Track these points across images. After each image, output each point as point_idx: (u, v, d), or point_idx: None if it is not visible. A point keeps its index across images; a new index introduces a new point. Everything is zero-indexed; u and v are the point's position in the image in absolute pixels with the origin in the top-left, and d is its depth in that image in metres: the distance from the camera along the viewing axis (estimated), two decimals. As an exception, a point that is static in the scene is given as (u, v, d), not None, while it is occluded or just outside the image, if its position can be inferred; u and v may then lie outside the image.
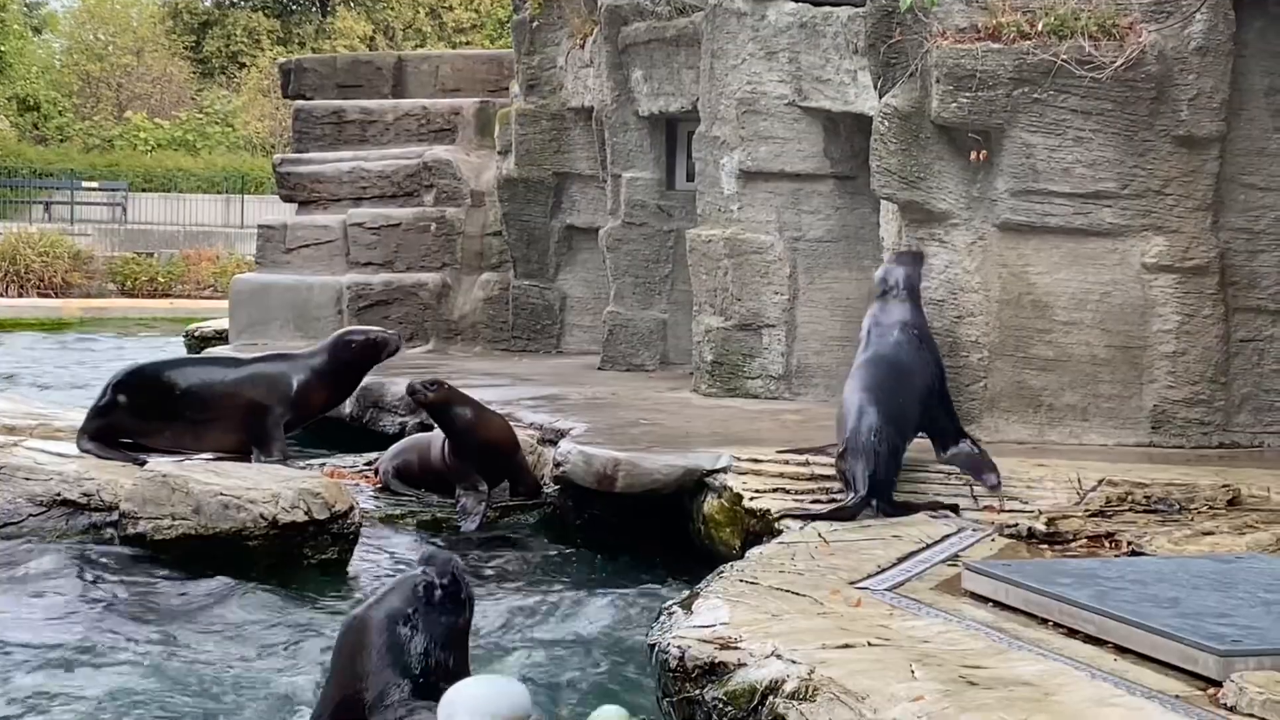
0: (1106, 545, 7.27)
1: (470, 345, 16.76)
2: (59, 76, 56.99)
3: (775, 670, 5.13)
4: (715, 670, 5.33)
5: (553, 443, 10.24)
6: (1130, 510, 7.88)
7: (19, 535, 8.74)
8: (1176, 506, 7.91)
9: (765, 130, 12.05)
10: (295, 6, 58.63)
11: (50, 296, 32.33)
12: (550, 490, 10.20)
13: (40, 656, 6.98)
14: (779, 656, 5.21)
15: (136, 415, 10.01)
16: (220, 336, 18.63)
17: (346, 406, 12.89)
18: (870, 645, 5.34)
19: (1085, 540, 7.36)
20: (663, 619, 6.07)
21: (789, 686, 5.00)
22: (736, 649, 5.39)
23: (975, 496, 8.22)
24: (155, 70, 54.77)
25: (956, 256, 9.67)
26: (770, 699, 5.03)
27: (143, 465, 9.23)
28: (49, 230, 36.08)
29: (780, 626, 5.61)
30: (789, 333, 12.04)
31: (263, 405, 10.16)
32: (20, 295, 32.23)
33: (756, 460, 8.74)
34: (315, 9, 58.12)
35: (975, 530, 7.57)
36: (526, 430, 10.74)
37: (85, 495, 8.93)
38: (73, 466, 9.29)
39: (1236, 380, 9.77)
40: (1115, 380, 9.67)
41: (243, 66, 55.17)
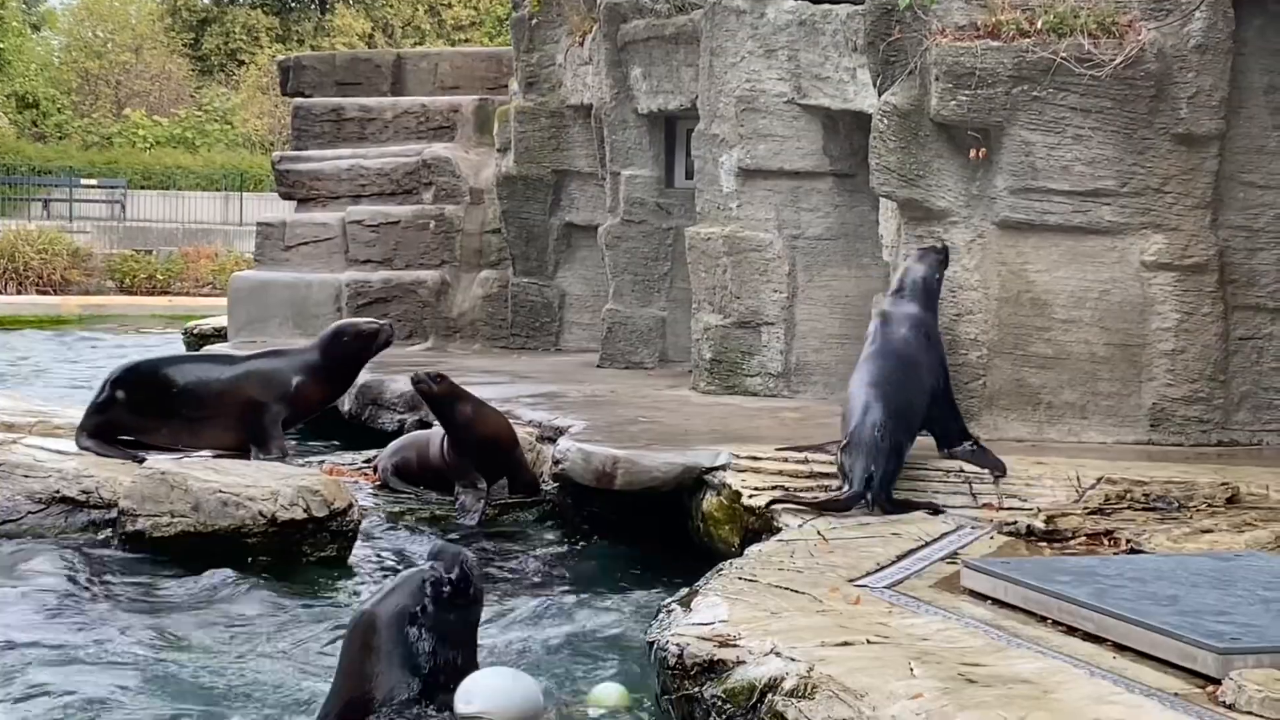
0: (1105, 543, 7.26)
1: (469, 343, 16.76)
2: (58, 74, 56.94)
3: (774, 668, 5.13)
4: (714, 668, 5.33)
5: (552, 440, 10.25)
6: (1129, 508, 7.88)
7: (18, 533, 8.75)
8: (1175, 504, 7.90)
9: (764, 128, 12.04)
10: (294, 4, 58.61)
11: (49, 294, 32.31)
12: (549, 488, 10.21)
13: (38, 654, 6.97)
14: (778, 654, 5.21)
15: (134, 412, 10.01)
16: (219, 334, 18.62)
17: (346, 404, 12.90)
18: (869, 643, 5.34)
19: (1084, 538, 7.36)
20: (662, 617, 6.07)
21: (788, 684, 5.00)
22: (735, 646, 5.39)
23: (974, 495, 8.22)
24: (154, 67, 54.74)
25: (955, 254, 9.66)
26: (769, 696, 5.03)
27: (142, 463, 9.24)
28: (48, 228, 36.03)
29: (779, 624, 5.61)
30: (788, 330, 12.04)
31: (259, 402, 10.16)
32: (19, 293, 32.21)
33: (755, 458, 8.74)
34: (314, 6, 58.10)
35: (974, 528, 7.56)
36: (525, 428, 10.75)
37: (84, 493, 8.93)
38: (72, 464, 9.29)
39: (1235, 378, 9.77)
40: (1114, 378, 9.66)
41: (241, 64, 55.16)
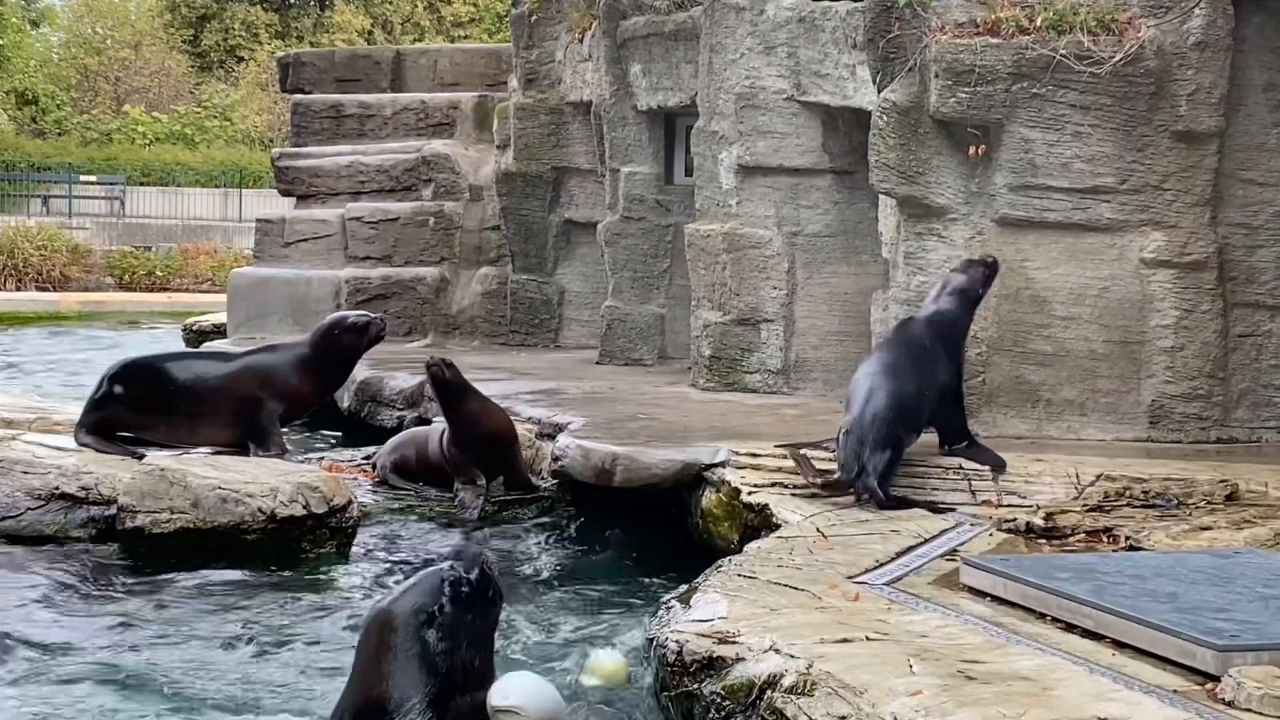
0: (1104, 540, 7.25)
1: (468, 339, 16.77)
2: (57, 70, 56.98)
3: (773, 664, 5.13)
4: (713, 664, 5.33)
5: (551, 437, 10.25)
6: (1128, 505, 7.87)
7: (17, 529, 8.73)
8: (1174, 501, 7.90)
9: (764, 125, 12.04)
10: (293, 0, 58.58)
11: (48, 290, 32.33)
12: (548, 484, 10.21)
13: (37, 650, 6.98)
14: (777, 651, 5.21)
15: (132, 408, 10.00)
16: (219, 330, 18.64)
17: (345, 400, 12.91)
18: (868, 640, 5.34)
19: (1083, 535, 7.35)
20: (661, 613, 6.07)
21: (787, 681, 5.00)
22: (735, 643, 5.39)
23: (974, 492, 8.22)
24: (153, 64, 54.73)
25: (955, 251, 9.65)
26: (768, 693, 5.03)
27: (141, 459, 9.23)
28: (47, 224, 36.06)
29: (778, 621, 5.61)
30: (787, 327, 12.04)
31: (255, 398, 10.15)
32: (18, 289, 32.24)
33: (755, 455, 8.73)
34: (314, 2, 58.08)
35: (973, 525, 7.56)
36: (525, 424, 10.75)
37: (84, 489, 8.92)
38: (71, 460, 9.28)
39: (1234, 375, 9.77)
40: (1113, 375, 9.66)
41: (241, 60, 55.15)
